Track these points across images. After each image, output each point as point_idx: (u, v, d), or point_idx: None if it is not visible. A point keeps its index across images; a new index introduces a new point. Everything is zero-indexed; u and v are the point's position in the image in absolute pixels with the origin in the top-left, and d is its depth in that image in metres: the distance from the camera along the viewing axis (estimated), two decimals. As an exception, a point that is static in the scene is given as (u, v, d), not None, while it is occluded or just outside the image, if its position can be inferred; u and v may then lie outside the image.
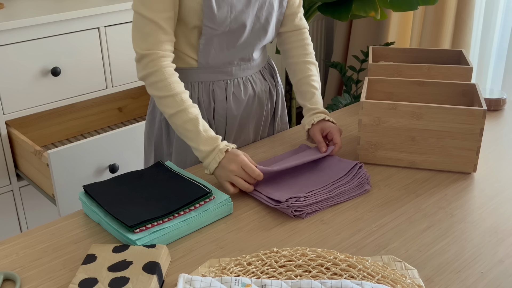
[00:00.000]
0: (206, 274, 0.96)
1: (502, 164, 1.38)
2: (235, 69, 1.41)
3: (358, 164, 1.28)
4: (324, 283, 0.90)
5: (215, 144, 1.24)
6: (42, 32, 2.06)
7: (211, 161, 1.23)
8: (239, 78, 1.43)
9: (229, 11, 1.29)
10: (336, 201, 1.21)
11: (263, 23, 1.38)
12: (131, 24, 1.31)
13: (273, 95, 1.54)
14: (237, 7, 1.30)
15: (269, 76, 1.52)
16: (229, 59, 1.38)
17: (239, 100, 1.44)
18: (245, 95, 1.44)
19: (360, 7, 2.37)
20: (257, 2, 1.34)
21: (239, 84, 1.43)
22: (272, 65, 1.56)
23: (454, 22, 2.77)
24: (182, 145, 1.43)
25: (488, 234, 1.11)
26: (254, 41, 1.39)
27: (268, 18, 1.38)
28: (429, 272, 1.00)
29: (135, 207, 1.10)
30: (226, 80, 1.41)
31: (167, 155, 1.48)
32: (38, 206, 2.24)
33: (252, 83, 1.46)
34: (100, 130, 2.52)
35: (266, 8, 1.37)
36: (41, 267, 1.02)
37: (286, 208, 1.16)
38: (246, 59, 1.42)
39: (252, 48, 1.41)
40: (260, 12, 1.36)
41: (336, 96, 2.80)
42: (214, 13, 1.27)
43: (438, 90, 1.47)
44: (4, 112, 2.05)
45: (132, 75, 2.36)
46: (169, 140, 1.46)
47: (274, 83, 1.55)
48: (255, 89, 1.46)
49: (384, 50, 1.71)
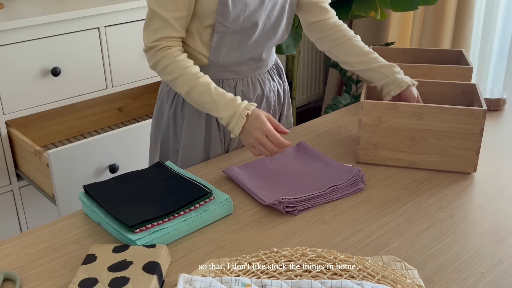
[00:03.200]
0: (206, 274, 0.96)
1: (502, 164, 1.38)
2: (245, 69, 1.42)
3: (357, 170, 1.28)
4: (324, 283, 0.90)
5: (235, 108, 1.24)
6: (42, 32, 2.06)
7: (234, 126, 1.24)
8: (248, 77, 1.44)
9: (242, 10, 1.30)
10: (328, 198, 1.21)
11: (274, 23, 1.40)
12: (144, 21, 1.34)
13: (281, 95, 1.55)
14: (250, 6, 1.31)
15: (277, 76, 1.54)
16: (239, 58, 1.40)
17: (248, 99, 1.44)
18: (254, 94, 1.45)
19: (360, 7, 2.37)
20: (270, 3, 1.35)
21: (248, 83, 1.44)
22: (280, 65, 1.57)
23: (454, 22, 2.77)
24: (190, 142, 1.44)
25: (488, 234, 1.11)
26: (265, 41, 1.41)
27: (278, 19, 1.40)
28: (429, 272, 1.00)
29: (135, 207, 1.10)
30: (236, 79, 1.42)
31: (174, 151, 1.49)
32: (38, 206, 2.24)
33: (260, 83, 1.47)
34: (100, 130, 2.52)
35: (277, 9, 1.38)
36: (41, 267, 1.02)
37: (278, 204, 1.16)
38: (256, 59, 1.43)
39: (262, 48, 1.42)
40: (271, 13, 1.38)
41: (336, 96, 2.80)
42: (229, 11, 1.28)
43: (438, 90, 1.47)
44: (4, 112, 2.05)
45: (132, 75, 2.36)
46: (176, 136, 1.47)
47: (282, 83, 1.56)
48: (263, 88, 1.47)
49: (384, 50, 1.71)
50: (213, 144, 1.45)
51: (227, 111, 1.24)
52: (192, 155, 1.45)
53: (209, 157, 1.47)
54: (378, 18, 2.37)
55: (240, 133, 1.24)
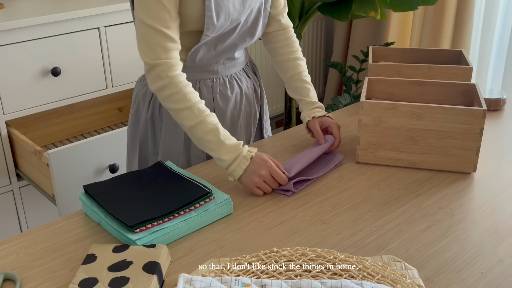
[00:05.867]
0: (206, 274, 0.96)
1: (502, 164, 1.38)
2: (221, 68, 1.43)
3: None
4: (324, 283, 0.90)
5: (238, 152, 1.24)
6: (42, 32, 2.06)
7: (235, 168, 1.23)
8: (224, 76, 1.44)
9: (226, 19, 1.31)
10: (308, 176, 1.30)
11: (250, 27, 1.41)
12: (136, 34, 1.28)
13: (258, 92, 1.57)
14: (233, 15, 1.32)
15: (252, 74, 1.55)
16: (215, 58, 1.40)
17: (226, 97, 1.45)
18: (232, 92, 1.46)
19: (360, 7, 2.37)
20: (249, 9, 1.36)
21: (224, 82, 1.45)
22: (254, 62, 1.59)
23: (454, 22, 2.77)
24: (169, 144, 1.44)
25: (488, 234, 1.11)
26: (240, 42, 1.42)
27: (255, 23, 1.41)
28: (429, 272, 1.00)
29: (135, 207, 1.10)
30: (212, 78, 1.42)
31: (153, 154, 1.48)
32: (38, 206, 2.24)
33: (237, 81, 1.48)
34: (100, 130, 2.52)
35: (254, 13, 1.39)
36: (41, 267, 1.02)
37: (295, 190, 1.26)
38: (231, 58, 1.44)
39: (237, 49, 1.43)
40: (249, 17, 1.39)
41: (336, 96, 2.80)
42: (214, 24, 1.29)
43: (438, 90, 1.47)
44: (4, 112, 2.05)
45: (132, 75, 2.36)
46: (155, 139, 1.47)
47: (258, 80, 1.58)
48: (241, 86, 1.48)
49: (384, 50, 1.71)
50: (194, 145, 1.44)
51: (230, 154, 1.23)
52: (172, 157, 1.45)
53: (190, 159, 1.46)
54: (378, 18, 2.37)
55: (241, 176, 1.24)
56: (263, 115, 1.61)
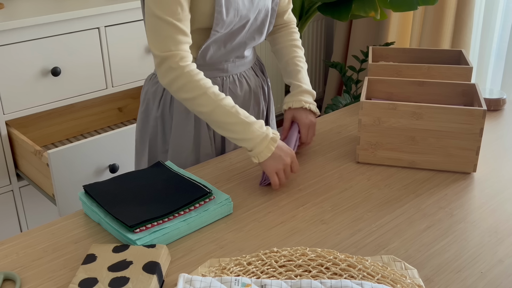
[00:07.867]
0: (206, 274, 0.96)
1: (502, 164, 1.38)
2: (230, 66, 1.43)
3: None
4: (324, 283, 0.90)
5: (264, 132, 1.23)
6: (42, 32, 2.06)
7: (263, 149, 1.22)
8: (233, 74, 1.45)
9: (235, 16, 1.31)
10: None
11: (259, 25, 1.41)
12: (146, 29, 1.28)
13: (265, 90, 1.57)
14: (242, 11, 1.32)
15: (260, 72, 1.56)
16: (225, 57, 1.41)
17: (236, 95, 1.45)
18: (241, 90, 1.47)
19: (360, 7, 2.37)
20: (258, 7, 1.36)
21: (234, 80, 1.45)
22: (261, 61, 1.60)
23: (454, 22, 2.77)
24: (179, 142, 1.44)
25: (488, 234, 1.11)
26: (249, 41, 1.42)
27: (264, 21, 1.42)
28: (429, 272, 1.00)
29: (135, 207, 1.11)
30: (222, 76, 1.43)
31: (162, 152, 1.48)
32: (38, 206, 2.24)
33: (246, 79, 1.48)
34: (100, 130, 2.52)
35: (264, 11, 1.40)
36: (41, 267, 1.02)
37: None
38: (241, 56, 1.44)
39: (246, 47, 1.44)
40: (258, 15, 1.39)
41: (336, 96, 2.80)
42: (224, 19, 1.29)
43: (438, 90, 1.47)
44: (4, 112, 2.06)
45: (132, 75, 2.36)
46: (164, 137, 1.47)
47: (265, 78, 1.58)
48: (250, 84, 1.49)
49: (384, 50, 1.71)
50: (203, 143, 1.45)
51: (256, 134, 1.22)
52: (181, 155, 1.45)
53: (199, 157, 1.46)
54: (378, 18, 2.37)
55: (268, 158, 1.22)
56: (269, 113, 1.62)
